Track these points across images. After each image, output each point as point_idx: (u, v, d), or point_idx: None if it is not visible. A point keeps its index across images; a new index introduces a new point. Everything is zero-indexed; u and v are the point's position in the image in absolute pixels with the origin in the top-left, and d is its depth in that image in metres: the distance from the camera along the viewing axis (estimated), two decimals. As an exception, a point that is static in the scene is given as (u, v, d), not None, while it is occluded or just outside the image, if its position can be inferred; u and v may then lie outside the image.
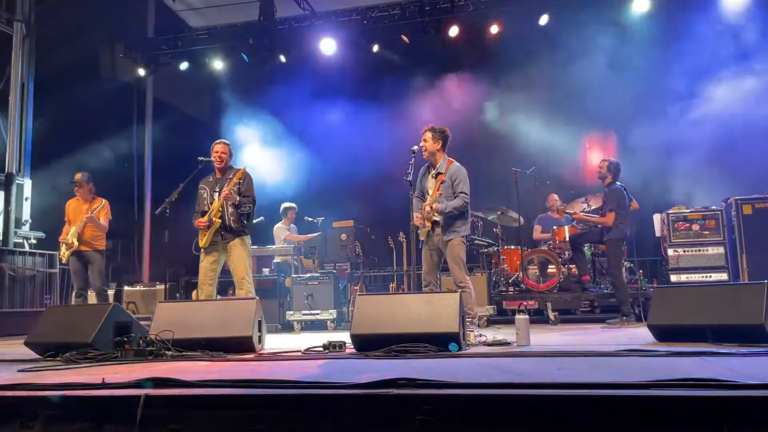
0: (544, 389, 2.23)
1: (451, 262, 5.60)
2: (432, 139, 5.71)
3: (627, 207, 7.02)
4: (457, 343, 4.05)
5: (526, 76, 10.39)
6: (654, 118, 9.96)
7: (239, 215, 5.99)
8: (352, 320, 4.41)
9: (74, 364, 3.90)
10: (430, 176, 5.80)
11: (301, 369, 3.47)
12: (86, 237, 7.29)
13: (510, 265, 8.35)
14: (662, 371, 2.79)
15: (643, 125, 9.74)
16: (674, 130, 9.60)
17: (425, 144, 5.71)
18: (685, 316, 4.36)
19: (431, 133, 5.72)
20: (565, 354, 3.77)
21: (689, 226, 7.84)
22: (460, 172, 5.67)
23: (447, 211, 5.55)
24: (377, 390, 2.31)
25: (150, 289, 9.03)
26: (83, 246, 7.29)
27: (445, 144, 5.78)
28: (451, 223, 5.60)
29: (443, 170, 5.69)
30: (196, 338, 4.41)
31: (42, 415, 2.48)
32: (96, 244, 7.38)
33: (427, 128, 5.77)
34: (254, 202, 6.13)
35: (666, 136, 9.51)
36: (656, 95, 10.04)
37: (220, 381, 2.65)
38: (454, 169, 5.68)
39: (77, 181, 7.42)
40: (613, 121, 10.11)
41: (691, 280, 7.61)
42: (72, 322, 4.71)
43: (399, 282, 8.74)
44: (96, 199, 7.48)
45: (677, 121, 9.76)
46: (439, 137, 5.72)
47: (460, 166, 5.71)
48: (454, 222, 5.61)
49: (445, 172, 5.67)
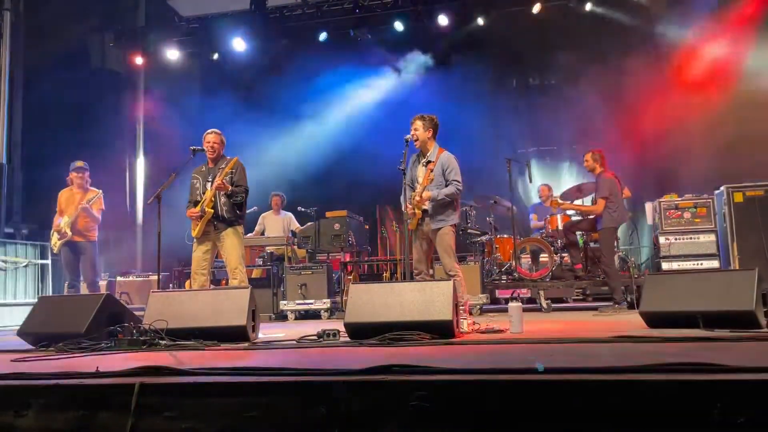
0: (535, 374, 2.24)
1: (441, 250, 5.60)
2: (423, 127, 5.66)
3: (618, 195, 7.04)
4: (451, 331, 4.07)
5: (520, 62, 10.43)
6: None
7: (232, 205, 5.98)
8: (346, 309, 4.41)
9: (67, 354, 3.89)
10: (420, 165, 5.77)
11: (296, 357, 3.48)
12: (79, 227, 7.24)
13: (503, 253, 8.37)
14: (653, 356, 2.82)
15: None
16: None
17: (416, 132, 5.67)
18: (677, 303, 4.40)
19: (421, 121, 5.68)
20: (557, 341, 3.80)
21: (680, 214, 7.89)
22: (452, 161, 5.64)
23: (439, 198, 5.54)
24: (371, 376, 2.32)
25: (143, 279, 9.01)
26: (76, 236, 7.24)
27: (436, 132, 5.75)
28: (440, 212, 5.60)
29: (434, 158, 5.66)
30: (189, 327, 4.41)
31: (35, 404, 2.47)
32: (89, 235, 7.33)
33: (416, 117, 5.72)
34: (247, 192, 6.10)
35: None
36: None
37: (214, 369, 2.65)
38: (445, 157, 5.66)
39: (79, 168, 7.36)
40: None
41: (683, 268, 7.66)
42: (65, 312, 4.69)
43: (392, 271, 8.75)
44: (91, 189, 7.43)
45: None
46: (429, 125, 5.68)
47: (450, 155, 5.69)
48: (444, 210, 5.60)
49: (436, 160, 5.64)
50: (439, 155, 5.66)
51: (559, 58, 10.62)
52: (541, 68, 11.52)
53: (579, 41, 10.20)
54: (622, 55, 9.85)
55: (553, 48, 10.52)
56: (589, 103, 9.80)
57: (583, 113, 10.06)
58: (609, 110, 9.82)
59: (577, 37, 10.20)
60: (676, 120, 9.32)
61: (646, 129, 9.58)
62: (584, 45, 10.18)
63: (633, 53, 9.84)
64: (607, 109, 9.80)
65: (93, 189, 7.45)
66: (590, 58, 9.93)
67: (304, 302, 7.84)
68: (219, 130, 6.32)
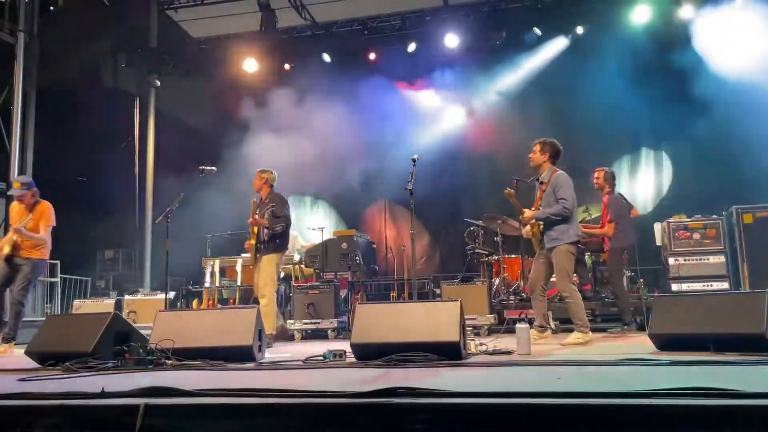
0: (544, 398, 2.22)
1: (555, 270, 5.59)
2: (540, 151, 5.84)
3: (627, 216, 7.02)
4: (458, 353, 4.04)
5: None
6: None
7: (271, 234, 6.78)
8: (352, 329, 4.40)
9: (74, 374, 3.89)
10: (537, 185, 5.92)
11: (302, 378, 3.47)
12: (25, 245, 6.54)
13: (511, 273, 8.33)
14: (663, 380, 2.78)
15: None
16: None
17: (533, 156, 5.87)
18: (687, 326, 4.35)
19: (540, 145, 5.85)
20: (565, 363, 3.76)
21: (690, 235, 7.84)
22: (560, 179, 5.67)
23: (543, 216, 5.61)
24: (377, 399, 2.30)
25: (151, 298, 9.02)
26: (21, 252, 6.52)
27: (555, 156, 5.83)
28: (550, 231, 5.61)
29: (546, 179, 5.77)
30: (196, 347, 4.40)
31: (41, 424, 2.47)
32: (35, 253, 6.58)
33: (537, 141, 5.89)
34: (286, 221, 6.82)
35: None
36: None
37: (220, 390, 2.64)
38: (556, 177, 5.71)
39: (16, 195, 6.66)
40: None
41: (692, 289, 7.59)
42: (72, 331, 4.69)
43: (399, 291, 8.73)
44: (39, 203, 6.68)
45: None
46: (547, 149, 5.82)
47: (562, 174, 5.73)
48: (554, 229, 5.59)
49: (548, 181, 5.74)
50: (552, 176, 5.74)
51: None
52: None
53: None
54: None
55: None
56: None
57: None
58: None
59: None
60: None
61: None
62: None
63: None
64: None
65: (42, 202, 6.70)
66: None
67: (311, 321, 7.82)
68: (263, 170, 7.07)
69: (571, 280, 5.61)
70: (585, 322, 5.53)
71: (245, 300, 8.49)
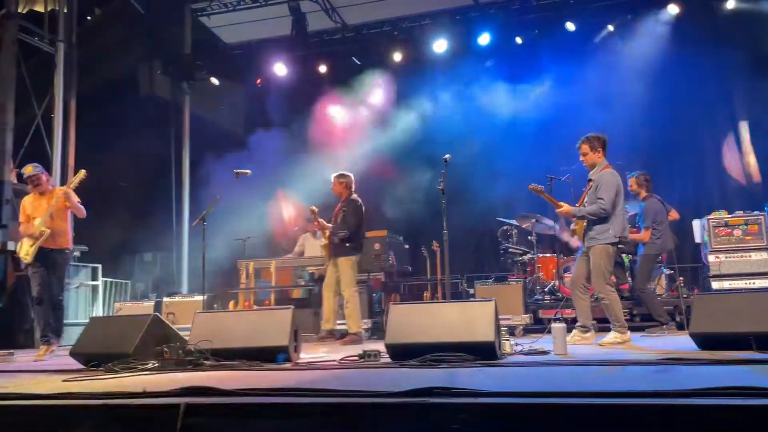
0: (581, 398, 2.20)
1: (592, 270, 5.44)
2: (590, 148, 5.60)
3: (664, 221, 6.87)
4: (493, 353, 4.03)
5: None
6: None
7: (339, 238, 6.91)
8: (387, 329, 4.41)
9: (116, 374, 3.99)
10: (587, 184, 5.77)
11: (338, 378, 3.49)
12: (56, 232, 6.15)
13: (545, 273, 8.25)
14: (705, 380, 2.73)
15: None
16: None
17: (585, 157, 5.64)
18: (728, 324, 4.26)
19: (587, 144, 5.61)
20: (603, 363, 3.72)
21: (731, 232, 7.64)
22: (604, 178, 5.48)
23: (579, 215, 5.51)
24: (413, 398, 2.31)
25: (188, 300, 9.17)
26: (50, 244, 6.13)
27: (603, 147, 5.62)
28: (592, 229, 5.47)
29: (595, 177, 5.59)
30: (233, 348, 4.47)
31: (85, 424, 2.54)
32: (63, 242, 6.28)
33: (582, 141, 5.64)
34: (353, 228, 6.87)
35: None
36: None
37: (258, 389, 2.68)
38: (600, 175, 5.53)
39: (32, 177, 6.24)
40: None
41: (734, 287, 7.40)
42: (114, 333, 4.82)
43: (433, 291, 8.71)
44: (55, 189, 6.40)
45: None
46: (597, 143, 5.59)
47: (607, 173, 5.52)
48: (593, 228, 5.46)
49: (596, 179, 5.57)
50: (600, 173, 5.56)
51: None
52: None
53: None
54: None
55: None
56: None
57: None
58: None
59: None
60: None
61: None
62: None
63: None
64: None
65: (57, 188, 6.44)
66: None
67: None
68: (341, 174, 7.12)
69: (606, 281, 5.44)
70: (622, 321, 5.42)
71: (280, 302, 8.57)
